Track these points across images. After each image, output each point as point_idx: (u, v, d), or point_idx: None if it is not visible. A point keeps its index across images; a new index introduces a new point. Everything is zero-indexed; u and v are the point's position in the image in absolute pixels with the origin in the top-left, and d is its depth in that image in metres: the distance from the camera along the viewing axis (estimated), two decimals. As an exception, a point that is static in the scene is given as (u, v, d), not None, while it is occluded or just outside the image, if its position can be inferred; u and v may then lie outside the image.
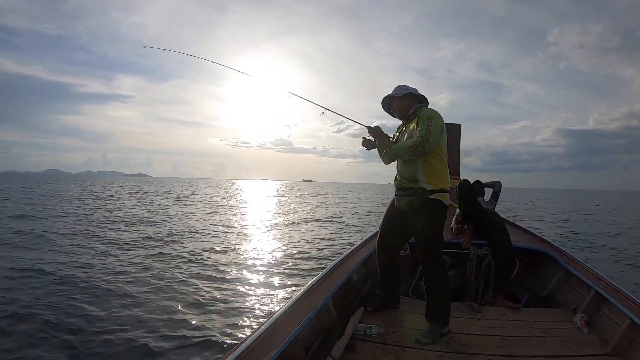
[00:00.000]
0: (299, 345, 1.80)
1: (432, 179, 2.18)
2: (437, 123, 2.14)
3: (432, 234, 2.20)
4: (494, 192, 3.56)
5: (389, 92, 2.39)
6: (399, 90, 2.34)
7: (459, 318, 2.37)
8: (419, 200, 2.19)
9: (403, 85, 2.37)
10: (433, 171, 2.18)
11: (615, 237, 10.94)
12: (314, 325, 2.00)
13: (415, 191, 2.20)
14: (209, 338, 3.27)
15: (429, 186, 2.17)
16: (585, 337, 2.17)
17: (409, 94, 2.32)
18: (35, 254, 6.41)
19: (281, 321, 1.80)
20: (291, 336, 1.68)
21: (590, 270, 2.74)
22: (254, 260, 6.53)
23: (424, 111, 2.22)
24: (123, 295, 4.36)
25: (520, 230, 3.82)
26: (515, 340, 2.12)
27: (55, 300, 4.11)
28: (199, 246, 7.67)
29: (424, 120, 2.14)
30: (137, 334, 3.30)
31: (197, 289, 4.68)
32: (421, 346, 2.03)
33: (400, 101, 2.34)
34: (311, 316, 1.93)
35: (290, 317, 1.86)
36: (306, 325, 1.86)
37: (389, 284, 2.55)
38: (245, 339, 1.63)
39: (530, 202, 31.27)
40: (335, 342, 1.96)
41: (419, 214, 2.20)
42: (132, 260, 6.16)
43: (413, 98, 2.33)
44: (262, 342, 1.60)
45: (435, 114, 2.18)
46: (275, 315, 1.84)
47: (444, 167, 2.24)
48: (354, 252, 3.02)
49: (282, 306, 2.01)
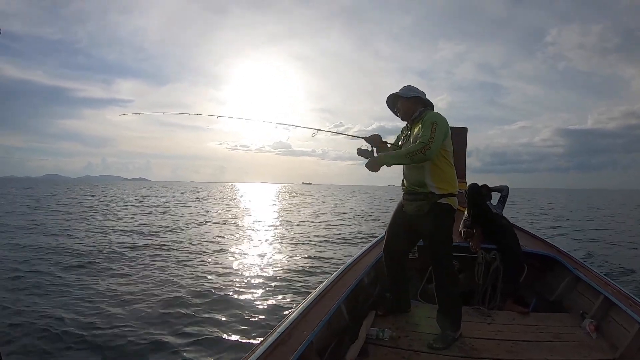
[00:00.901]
0: (313, 349, 1.81)
1: (441, 183, 2.17)
2: (441, 129, 2.12)
3: (441, 238, 2.20)
4: (501, 196, 3.57)
5: (389, 92, 2.37)
6: (406, 91, 2.32)
7: (469, 322, 2.38)
8: (428, 204, 2.17)
9: (412, 86, 2.35)
10: (441, 175, 2.17)
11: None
12: (327, 330, 2.01)
13: (424, 195, 2.18)
14: (223, 342, 3.29)
15: (437, 190, 2.16)
16: (594, 342, 2.18)
17: (416, 96, 2.31)
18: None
19: (295, 325, 1.81)
20: (306, 341, 1.69)
21: (599, 275, 2.75)
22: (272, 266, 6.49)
23: (428, 115, 2.19)
24: (133, 298, 4.39)
25: (528, 235, 3.83)
26: (525, 345, 2.13)
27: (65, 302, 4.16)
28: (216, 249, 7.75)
29: (428, 125, 2.12)
30: (152, 339, 3.31)
31: (211, 292, 4.68)
32: (434, 351, 2.03)
33: (405, 102, 2.32)
34: (325, 320, 1.93)
35: (305, 321, 1.87)
36: (320, 330, 1.86)
37: (397, 287, 2.54)
38: (261, 343, 1.64)
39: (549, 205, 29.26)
40: (349, 347, 1.97)
41: (427, 219, 2.18)
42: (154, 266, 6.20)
43: (419, 101, 2.31)
44: (278, 347, 1.61)
45: (440, 119, 2.16)
46: (289, 319, 1.85)
47: (452, 170, 2.23)
48: (364, 255, 3.03)
49: (295, 310, 2.01)
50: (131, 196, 26.69)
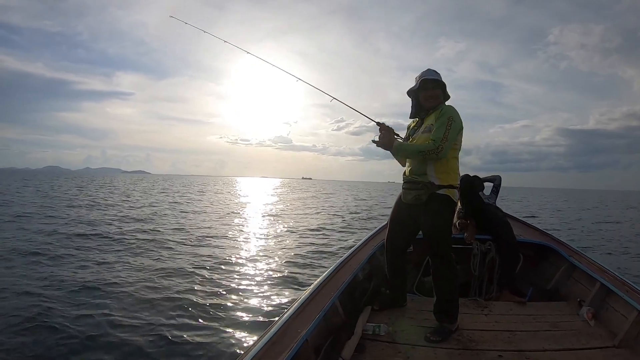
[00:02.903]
0: (309, 347, 1.80)
1: (442, 174, 2.16)
2: (456, 126, 2.13)
3: (440, 230, 2.18)
4: (493, 186, 3.55)
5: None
6: (445, 87, 2.26)
7: (466, 314, 2.38)
8: (426, 194, 2.16)
9: (440, 78, 2.27)
10: (444, 166, 2.17)
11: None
12: (323, 327, 2.00)
13: (422, 185, 2.17)
14: (217, 342, 3.26)
15: (437, 181, 2.15)
16: (592, 329, 2.19)
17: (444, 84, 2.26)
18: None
19: (290, 323, 1.80)
20: (301, 339, 1.68)
21: (595, 262, 2.75)
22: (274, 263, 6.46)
23: (445, 109, 2.18)
24: (126, 296, 4.36)
25: (522, 224, 3.82)
26: (523, 335, 2.13)
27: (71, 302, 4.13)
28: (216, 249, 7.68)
29: (444, 120, 2.12)
30: (141, 339, 3.27)
31: (206, 291, 4.66)
32: (431, 344, 2.04)
33: (441, 96, 2.26)
34: (320, 317, 1.92)
35: (299, 319, 1.86)
36: (315, 327, 1.85)
37: (396, 281, 2.53)
38: (256, 342, 1.63)
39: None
40: (345, 343, 1.96)
41: (426, 209, 2.18)
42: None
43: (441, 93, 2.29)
44: (273, 346, 1.60)
45: (456, 115, 2.16)
46: (283, 318, 1.84)
47: (456, 163, 2.23)
48: (358, 250, 3.01)
49: (289, 308, 1.99)
50: (175, 196, 23.51)
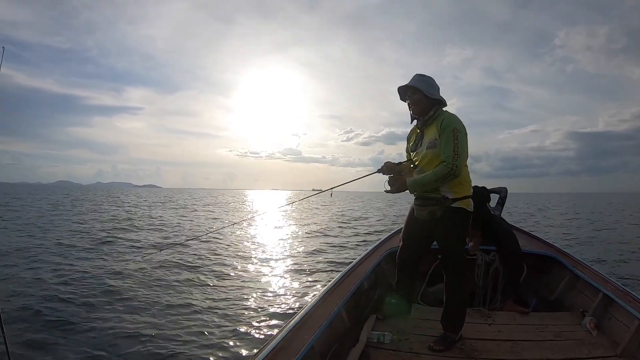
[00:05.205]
0: (315, 354, 1.85)
1: (455, 187, 2.10)
2: (463, 137, 2.05)
3: (454, 244, 2.14)
4: (499, 198, 3.59)
5: (396, 100, 2.27)
6: (428, 88, 2.16)
7: (470, 324, 2.39)
8: (440, 209, 2.12)
9: (430, 80, 2.19)
10: (457, 179, 2.08)
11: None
12: (328, 334, 2.04)
13: (436, 201, 2.12)
14: (226, 347, 3.32)
15: (451, 194, 2.10)
16: (595, 339, 2.20)
17: (436, 99, 2.16)
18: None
19: (296, 330, 1.85)
20: (308, 345, 1.73)
21: (598, 273, 2.76)
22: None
23: (446, 119, 2.09)
24: (133, 299, 4.51)
25: (526, 235, 3.83)
26: (526, 345, 2.15)
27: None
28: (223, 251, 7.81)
29: (449, 134, 2.03)
30: (150, 342, 3.35)
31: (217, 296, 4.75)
32: (435, 353, 2.06)
33: (424, 100, 2.16)
34: (326, 325, 1.97)
35: (306, 326, 1.91)
36: (321, 334, 1.90)
37: (404, 292, 2.53)
38: (263, 348, 1.69)
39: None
40: (349, 351, 2.00)
41: (441, 223, 2.13)
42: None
43: (436, 101, 2.17)
44: (280, 352, 1.65)
45: (459, 124, 2.07)
46: (290, 324, 1.89)
47: (467, 172, 2.17)
48: (364, 259, 3.06)
49: (296, 315, 2.05)
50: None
